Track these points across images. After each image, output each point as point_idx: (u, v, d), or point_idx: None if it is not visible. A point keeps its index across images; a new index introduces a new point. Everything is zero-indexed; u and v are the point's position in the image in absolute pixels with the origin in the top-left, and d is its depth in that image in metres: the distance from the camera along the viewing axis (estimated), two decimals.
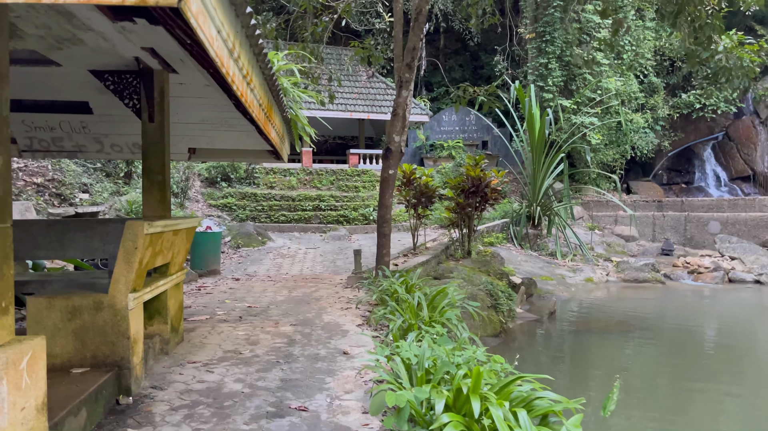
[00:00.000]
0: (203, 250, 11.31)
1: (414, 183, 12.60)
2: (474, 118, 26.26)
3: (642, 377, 7.97)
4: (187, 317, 7.26)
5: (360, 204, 19.68)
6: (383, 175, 9.38)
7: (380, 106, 22.53)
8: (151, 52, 4.63)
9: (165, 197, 5.51)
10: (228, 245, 14.76)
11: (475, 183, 12.62)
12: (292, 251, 14.73)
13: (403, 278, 7.78)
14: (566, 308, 12.11)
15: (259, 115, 4.07)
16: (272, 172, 20.51)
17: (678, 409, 6.75)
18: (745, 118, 28.70)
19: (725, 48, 9.57)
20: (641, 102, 26.01)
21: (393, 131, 9.25)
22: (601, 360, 8.68)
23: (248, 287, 10.00)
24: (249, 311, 7.81)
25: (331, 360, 5.42)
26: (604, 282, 15.18)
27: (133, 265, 4.32)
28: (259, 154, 7.15)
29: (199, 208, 17.94)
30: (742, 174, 28.13)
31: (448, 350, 4.07)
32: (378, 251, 9.47)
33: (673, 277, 15.81)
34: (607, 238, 20.45)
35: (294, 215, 18.50)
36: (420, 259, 11.28)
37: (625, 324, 10.78)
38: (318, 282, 10.50)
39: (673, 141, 28.82)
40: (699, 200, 22.47)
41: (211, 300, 8.71)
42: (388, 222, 9.42)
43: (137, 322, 4.54)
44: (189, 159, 7.09)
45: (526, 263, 15.73)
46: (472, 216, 13.07)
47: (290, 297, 8.97)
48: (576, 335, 9.94)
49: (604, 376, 7.96)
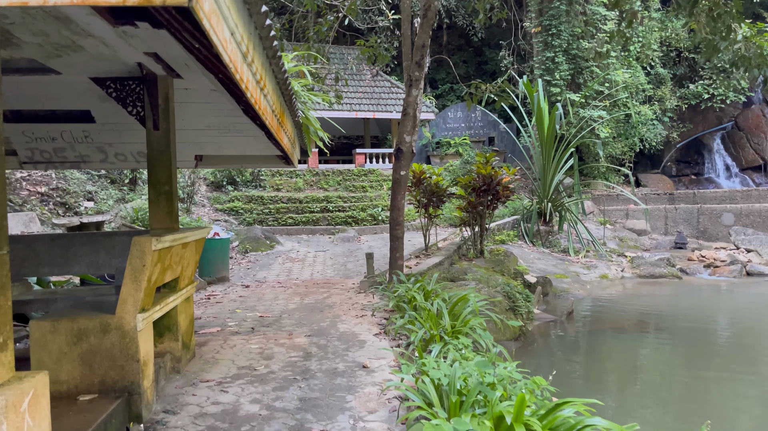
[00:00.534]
0: (211, 257, 11.08)
1: (424, 183, 12.34)
2: (480, 114, 25.95)
3: (668, 382, 7.70)
4: (198, 330, 7.03)
5: (368, 204, 19.43)
6: (395, 176, 9.12)
7: (385, 104, 22.27)
8: (154, 57, 4.39)
9: (173, 208, 5.27)
10: (236, 250, 14.54)
11: (486, 181, 12.35)
12: (301, 255, 14.50)
13: (420, 283, 7.53)
14: (583, 307, 11.82)
15: (272, 121, 3.82)
16: (278, 174, 20.28)
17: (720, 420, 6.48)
18: (755, 107, 28.30)
19: (744, 37, 9.26)
20: (649, 94, 25.66)
21: (404, 131, 8.99)
22: (624, 364, 8.41)
23: (259, 294, 9.77)
24: (261, 321, 7.57)
25: (350, 376, 5.17)
26: (619, 278, 14.89)
27: (141, 284, 4.08)
28: (268, 160, 6.90)
29: (206, 212, 17.73)
30: (752, 164, 27.74)
31: (479, 367, 3.81)
32: (391, 254, 9.22)
33: (690, 272, 15.50)
34: (619, 233, 20.14)
35: (302, 217, 18.27)
36: (433, 261, 11.02)
37: (643, 323, 10.50)
38: (330, 288, 10.26)
39: (682, 132, 28.45)
40: (711, 192, 22.12)
41: (221, 310, 8.48)
42: (401, 224, 9.17)
43: (147, 343, 4.30)
44: (196, 166, 6.86)
45: (539, 261, 15.45)
46: (484, 215, 12.81)
47: (302, 304, 8.73)
48: (594, 336, 9.65)
49: (630, 382, 7.69)
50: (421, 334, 5.32)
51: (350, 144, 28.29)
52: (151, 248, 4.08)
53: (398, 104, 22.43)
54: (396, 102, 22.50)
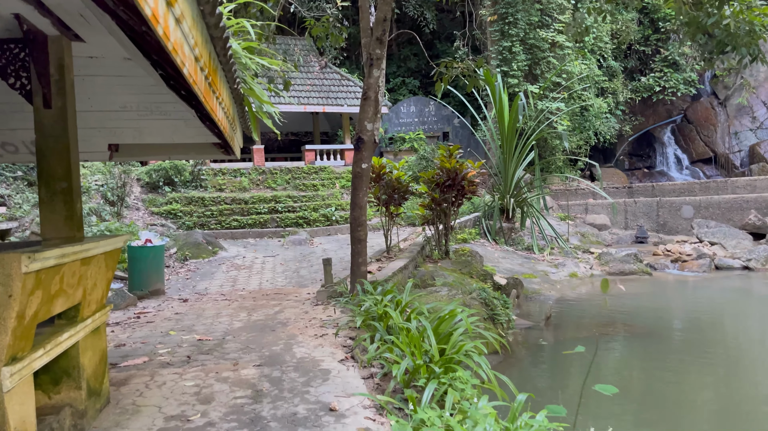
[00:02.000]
0: (143, 268, 9.61)
1: (384, 178, 11.20)
2: (434, 109, 25.03)
3: (684, 399, 6.80)
4: (118, 363, 5.65)
5: (320, 203, 18.13)
6: (355, 169, 7.92)
7: (335, 97, 21.00)
8: (38, 6, 3.12)
9: (74, 211, 3.95)
10: (174, 258, 13.02)
11: (450, 176, 11.33)
12: (248, 261, 13.10)
13: (391, 294, 6.36)
14: (559, 310, 10.92)
15: (196, 76, 2.58)
16: (221, 173, 18.73)
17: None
18: (704, 99, 28.47)
19: (733, 12, 8.49)
20: (604, 86, 25.33)
21: (364, 118, 7.80)
22: (625, 380, 7.46)
23: (198, 310, 8.38)
24: (200, 346, 6.24)
25: (314, 424, 3.96)
26: (588, 276, 14.13)
27: (6, 323, 2.76)
28: (203, 149, 5.58)
29: (140, 216, 16.05)
30: (702, 156, 27.88)
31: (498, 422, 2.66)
32: (353, 260, 8.01)
33: (658, 267, 14.92)
34: (580, 228, 19.54)
35: (248, 219, 16.82)
36: (397, 264, 9.88)
37: (629, 327, 9.64)
38: (282, 299, 8.97)
39: (634, 125, 28.37)
40: (670, 184, 21.88)
41: (152, 332, 7.08)
42: (364, 225, 7.98)
43: (23, 406, 2.98)
44: (111, 158, 5.46)
45: (504, 260, 14.55)
46: (449, 213, 11.78)
47: (250, 322, 7.43)
48: (581, 344, 8.68)
49: (635, 401, 6.76)
50: (404, 366, 4.15)
51: (298, 141, 26.88)
52: (20, 270, 2.76)
53: (349, 97, 21.22)
54: (347, 95, 21.27)
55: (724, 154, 26.97)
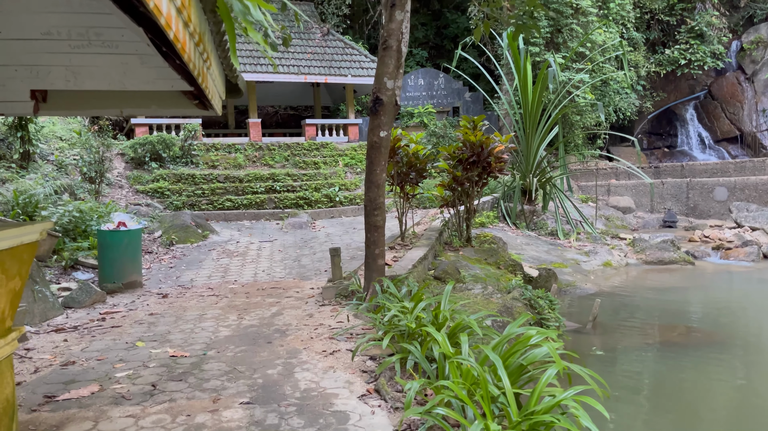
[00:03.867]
0: (115, 256, 8.07)
1: (400, 153, 9.62)
2: (444, 81, 23.33)
3: None
4: (55, 395, 4.14)
5: (322, 183, 16.54)
6: (371, 138, 6.34)
7: (338, 67, 19.28)
8: None
9: None
10: (158, 242, 11.47)
11: (475, 151, 9.76)
12: (242, 246, 11.56)
13: (423, 300, 4.82)
14: (603, 307, 9.39)
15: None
16: (214, 149, 17.11)
17: None
18: (729, 74, 26.73)
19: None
20: (629, 57, 23.60)
21: (384, 73, 6.21)
22: (724, 410, 5.95)
23: (178, 309, 6.86)
24: (171, 368, 4.72)
25: None
26: (623, 266, 12.62)
27: None
28: (168, 99, 3.97)
29: (123, 195, 14.48)
30: (727, 135, 26.23)
31: None
32: (368, 251, 6.47)
33: (698, 255, 13.40)
34: (603, 211, 17.99)
35: (242, 199, 15.24)
36: (416, 254, 8.35)
37: (696, 332, 8.01)
38: (281, 296, 7.45)
39: (655, 102, 26.67)
40: (701, 164, 20.29)
41: (115, 342, 5.56)
42: (381, 208, 6.42)
43: None
44: (36, 112, 3.86)
45: (529, 247, 13.02)
46: (473, 194, 10.23)
47: (240, 328, 5.91)
48: (645, 357, 7.14)
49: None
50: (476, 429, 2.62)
51: (298, 115, 25.19)
52: None
53: (353, 67, 19.51)
54: (351, 65, 19.55)
55: (751, 132, 25.31)
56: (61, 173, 13.29)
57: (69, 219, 9.39)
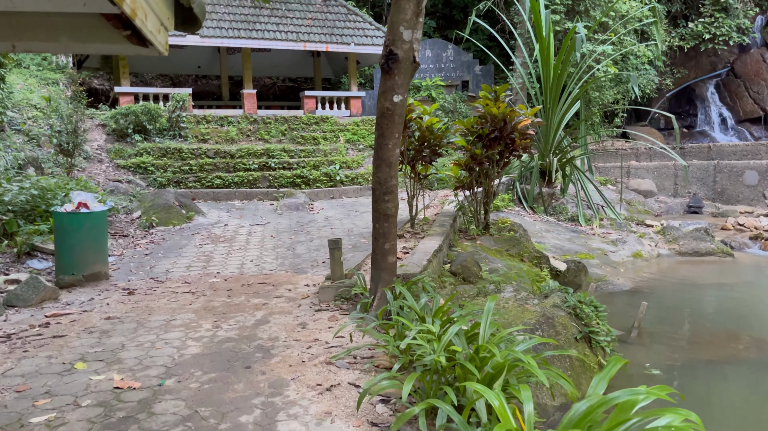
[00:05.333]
0: (74, 242, 6.78)
1: (411, 126, 8.29)
2: (452, 54, 21.84)
3: None
4: None
5: (322, 160, 15.19)
6: (383, 105, 5.01)
7: (340, 35, 17.79)
8: None
9: None
10: (135, 224, 10.19)
11: (497, 125, 8.44)
12: (230, 230, 10.28)
13: (451, 320, 3.55)
14: (640, 308, 8.13)
15: None
16: (204, 121, 15.72)
17: None
18: (754, 51, 25.20)
19: None
20: (646, 30, 22.09)
21: (400, 20, 4.86)
22: None
23: (143, 312, 5.60)
24: (110, 409, 3.46)
25: None
26: (655, 257, 11.35)
27: None
28: (86, 27, 2.51)
29: (102, 170, 13.15)
30: (750, 115, 24.78)
31: None
32: (375, 245, 5.18)
33: (735, 245, 12.14)
34: (625, 195, 16.68)
35: (234, 177, 13.91)
36: (430, 245, 7.06)
37: (764, 343, 6.82)
38: (269, 295, 6.18)
39: (675, 79, 25.19)
40: (730, 145, 18.92)
41: (49, 361, 4.30)
42: (394, 192, 5.12)
43: None
44: None
45: (549, 234, 11.75)
46: (492, 175, 8.93)
47: (213, 343, 4.65)
48: (713, 377, 5.88)
49: None
50: None
51: (297, 88, 23.71)
52: None
53: (357, 35, 18.03)
54: (354, 32, 18.06)
55: None
56: (31, 145, 11.95)
57: (26, 198, 8.09)
